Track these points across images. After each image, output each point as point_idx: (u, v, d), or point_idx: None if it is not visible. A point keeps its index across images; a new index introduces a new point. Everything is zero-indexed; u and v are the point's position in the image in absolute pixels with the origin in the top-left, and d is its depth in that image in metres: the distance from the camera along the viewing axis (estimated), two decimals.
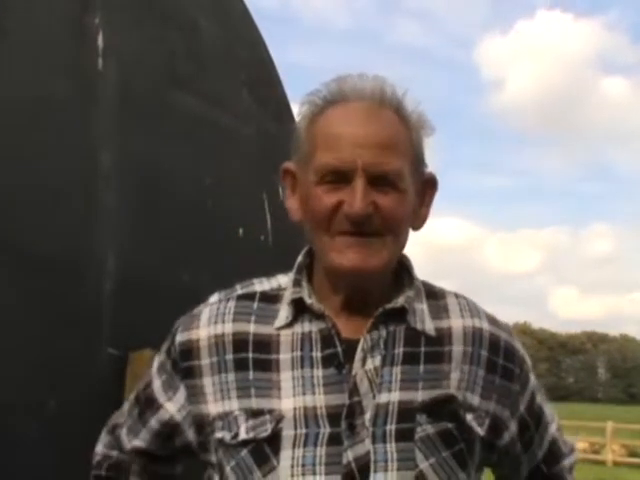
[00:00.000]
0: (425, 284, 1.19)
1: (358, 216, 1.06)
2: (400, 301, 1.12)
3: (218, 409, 1.11)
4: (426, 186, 1.16)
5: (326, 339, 1.10)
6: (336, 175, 1.07)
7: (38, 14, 1.98)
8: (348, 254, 1.07)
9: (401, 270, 1.17)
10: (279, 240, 2.47)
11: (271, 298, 1.15)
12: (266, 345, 1.11)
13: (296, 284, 1.14)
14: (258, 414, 1.08)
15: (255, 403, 1.08)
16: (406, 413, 1.07)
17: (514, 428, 1.19)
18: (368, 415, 1.06)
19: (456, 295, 1.20)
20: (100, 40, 2.08)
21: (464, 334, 1.15)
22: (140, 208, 2.12)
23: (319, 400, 1.07)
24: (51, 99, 1.96)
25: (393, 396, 1.08)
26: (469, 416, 1.11)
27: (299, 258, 1.18)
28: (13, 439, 1.76)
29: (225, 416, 1.10)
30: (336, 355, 1.09)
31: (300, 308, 1.12)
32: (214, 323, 1.14)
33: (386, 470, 1.04)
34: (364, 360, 1.09)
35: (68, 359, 1.89)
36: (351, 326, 1.11)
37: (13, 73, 1.90)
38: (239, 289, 1.18)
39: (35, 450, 1.80)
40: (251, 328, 1.13)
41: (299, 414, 1.06)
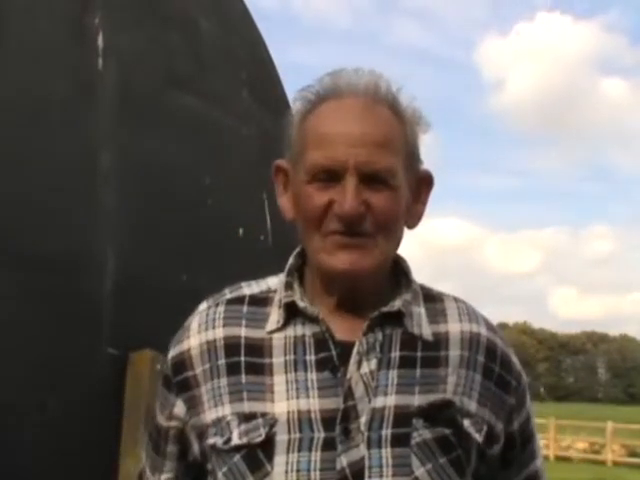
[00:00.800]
0: (423, 287, 1.17)
1: (349, 216, 1.03)
2: (397, 304, 1.09)
3: (212, 416, 1.07)
4: (421, 183, 1.13)
5: (320, 342, 1.07)
6: (327, 174, 1.04)
7: (38, 14, 1.98)
8: (339, 255, 1.04)
9: (398, 273, 1.14)
10: (279, 240, 2.47)
11: (261, 301, 1.12)
12: (258, 349, 1.08)
13: (288, 287, 1.11)
14: (251, 418, 1.04)
15: (247, 407, 1.05)
16: (402, 418, 1.04)
17: (502, 442, 1.14)
18: (363, 419, 1.03)
19: (455, 299, 1.17)
20: (100, 40, 2.08)
21: (461, 339, 1.12)
22: (140, 208, 2.12)
23: (313, 404, 1.04)
24: (51, 99, 1.96)
25: (389, 400, 1.05)
26: (466, 422, 1.07)
27: (290, 260, 1.15)
28: (13, 439, 1.76)
29: (218, 422, 1.07)
30: (330, 358, 1.06)
31: (292, 311, 1.09)
32: (205, 330, 1.11)
33: (381, 476, 1.01)
34: (359, 363, 1.06)
35: (68, 359, 1.89)
36: (345, 328, 1.08)
37: (13, 73, 1.90)
38: (228, 293, 1.15)
39: (35, 450, 1.80)
40: (242, 332, 1.10)
41: (293, 418, 1.03)
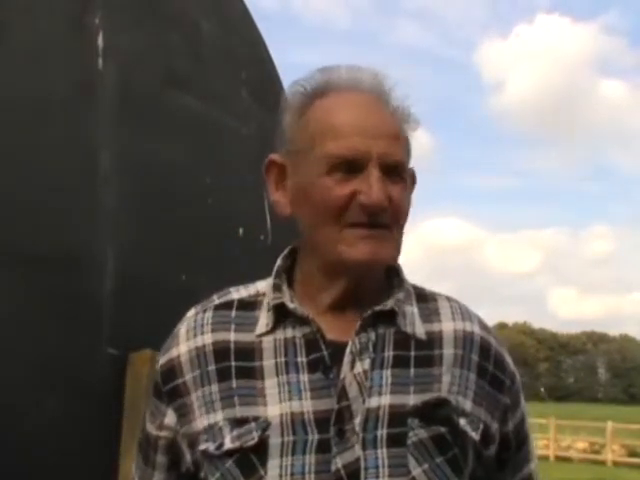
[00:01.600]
0: (415, 287, 1.16)
1: (376, 207, 1.03)
2: (389, 303, 1.08)
3: (204, 423, 1.06)
4: (411, 181, 1.14)
5: (310, 343, 1.05)
6: (347, 165, 1.04)
7: (38, 14, 1.98)
8: (360, 246, 1.03)
9: (390, 272, 1.13)
10: (279, 240, 2.47)
11: (249, 305, 1.11)
12: (248, 353, 1.07)
13: (276, 289, 1.10)
14: (243, 422, 1.03)
15: (239, 412, 1.04)
16: (397, 417, 1.03)
17: (497, 442, 1.12)
18: (358, 420, 1.02)
19: (448, 298, 1.16)
20: (100, 40, 2.08)
21: (455, 337, 1.11)
22: (140, 208, 2.12)
23: (306, 405, 1.02)
24: (51, 99, 1.96)
25: (384, 400, 1.03)
26: (462, 421, 1.06)
27: (278, 262, 1.14)
28: (13, 439, 1.76)
29: (210, 428, 1.05)
30: (322, 359, 1.04)
31: (281, 314, 1.08)
32: (193, 336, 1.10)
33: (377, 477, 1.00)
34: (353, 363, 1.04)
35: (68, 359, 1.89)
36: (337, 328, 1.07)
37: (13, 73, 1.90)
38: (216, 299, 1.14)
39: (35, 450, 1.80)
40: (231, 337, 1.08)
41: (286, 420, 1.02)
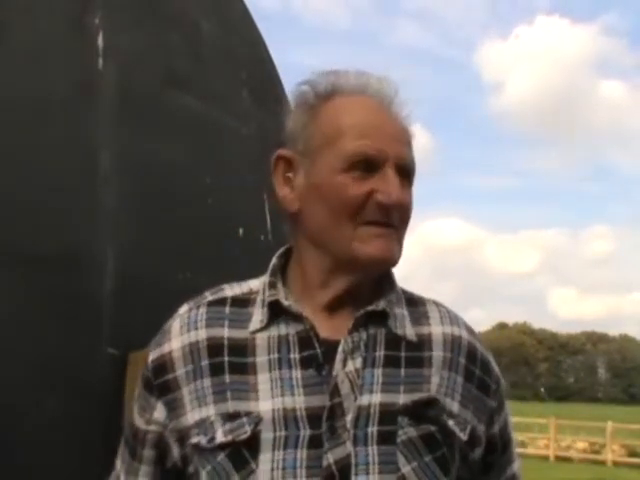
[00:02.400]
0: (405, 291, 1.18)
1: (396, 205, 1.06)
2: (381, 304, 1.10)
3: (195, 417, 1.06)
4: None
5: (304, 340, 1.07)
6: (367, 163, 1.06)
7: (38, 14, 1.98)
8: (374, 243, 1.06)
9: (382, 275, 1.15)
10: (279, 240, 2.47)
11: (243, 302, 1.13)
12: (242, 349, 1.08)
13: (271, 286, 1.12)
14: (235, 417, 1.04)
15: (232, 406, 1.05)
16: (388, 415, 1.05)
17: (483, 445, 1.15)
18: (349, 417, 1.03)
19: (435, 303, 1.19)
20: (100, 40, 2.08)
21: (444, 340, 1.13)
22: (140, 208, 2.12)
23: (299, 401, 1.04)
24: (51, 99, 1.96)
25: (374, 398, 1.05)
26: (450, 421, 1.08)
27: (273, 260, 1.16)
28: (13, 439, 1.76)
29: (202, 422, 1.06)
30: (315, 356, 1.06)
31: (276, 311, 1.09)
32: (187, 332, 1.11)
33: (367, 473, 1.01)
34: (345, 361, 1.06)
35: (68, 359, 1.88)
36: (330, 327, 1.09)
37: (13, 73, 1.90)
38: (209, 296, 1.15)
39: (35, 450, 1.80)
40: (225, 333, 1.10)
41: (278, 416, 1.03)
